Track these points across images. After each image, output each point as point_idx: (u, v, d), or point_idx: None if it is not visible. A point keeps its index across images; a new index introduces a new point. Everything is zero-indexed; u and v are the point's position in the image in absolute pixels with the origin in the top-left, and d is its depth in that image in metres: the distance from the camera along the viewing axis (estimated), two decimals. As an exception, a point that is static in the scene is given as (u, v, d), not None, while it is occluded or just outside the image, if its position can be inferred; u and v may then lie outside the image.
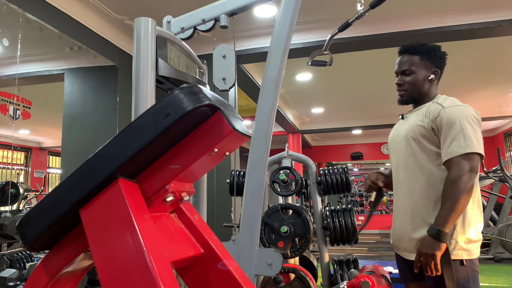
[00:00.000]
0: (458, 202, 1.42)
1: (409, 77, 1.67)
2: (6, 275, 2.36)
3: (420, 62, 1.66)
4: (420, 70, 1.65)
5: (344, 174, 2.62)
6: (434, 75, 1.67)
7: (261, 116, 1.56)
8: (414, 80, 1.66)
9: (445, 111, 1.53)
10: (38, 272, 0.73)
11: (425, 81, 1.66)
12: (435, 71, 1.67)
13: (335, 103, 7.75)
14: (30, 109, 3.71)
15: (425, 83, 1.66)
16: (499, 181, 6.63)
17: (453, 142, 1.47)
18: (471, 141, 1.46)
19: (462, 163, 1.44)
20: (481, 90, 6.65)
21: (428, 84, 1.67)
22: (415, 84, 1.66)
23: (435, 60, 1.67)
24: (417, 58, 1.66)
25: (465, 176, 1.43)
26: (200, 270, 0.80)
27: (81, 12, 3.39)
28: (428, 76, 1.66)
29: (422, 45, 1.68)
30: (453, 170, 1.45)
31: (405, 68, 1.67)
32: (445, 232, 1.42)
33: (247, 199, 1.56)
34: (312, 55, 2.19)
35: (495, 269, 5.46)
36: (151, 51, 1.42)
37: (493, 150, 6.26)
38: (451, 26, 3.81)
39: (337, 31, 1.99)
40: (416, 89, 1.67)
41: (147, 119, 0.65)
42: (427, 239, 1.45)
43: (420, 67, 1.65)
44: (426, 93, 1.68)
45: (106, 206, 0.66)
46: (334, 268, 2.55)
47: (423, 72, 1.66)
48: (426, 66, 1.66)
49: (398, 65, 1.72)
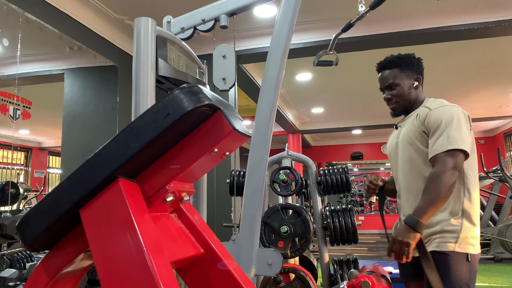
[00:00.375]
0: (438, 196, 1.46)
1: (395, 90, 1.73)
2: (6, 275, 2.36)
3: (401, 74, 1.72)
4: (404, 80, 1.72)
5: (344, 174, 2.62)
6: (417, 81, 1.74)
7: (261, 116, 1.56)
8: (401, 92, 1.72)
9: (432, 112, 1.60)
10: (38, 272, 0.73)
11: (411, 90, 1.73)
12: (417, 78, 1.74)
13: (335, 103, 7.74)
14: (30, 109, 3.71)
15: (411, 92, 1.73)
16: (499, 181, 6.63)
17: (438, 140, 1.53)
18: (454, 139, 1.50)
19: (445, 159, 1.49)
20: (481, 90, 6.65)
21: (414, 92, 1.74)
22: (402, 95, 1.72)
23: (414, 68, 1.74)
24: (397, 71, 1.73)
25: (448, 173, 1.46)
26: (200, 270, 0.80)
27: (81, 12, 3.39)
28: (412, 84, 1.73)
29: (397, 58, 1.75)
30: (437, 166, 1.49)
31: (390, 83, 1.74)
32: (422, 223, 1.45)
33: (247, 199, 1.56)
34: (318, 56, 2.21)
35: (495, 269, 5.46)
36: (151, 51, 1.42)
37: (493, 150, 6.26)
38: (451, 26, 3.81)
39: (341, 31, 2.00)
40: (405, 99, 1.73)
41: (147, 119, 0.65)
42: (403, 227, 1.48)
43: (403, 78, 1.72)
44: (414, 100, 1.74)
45: (106, 206, 0.66)
46: (334, 268, 2.55)
47: (407, 81, 1.72)
48: (407, 75, 1.73)
49: (381, 81, 1.79)
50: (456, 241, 1.51)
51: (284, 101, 7.20)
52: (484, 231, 6.50)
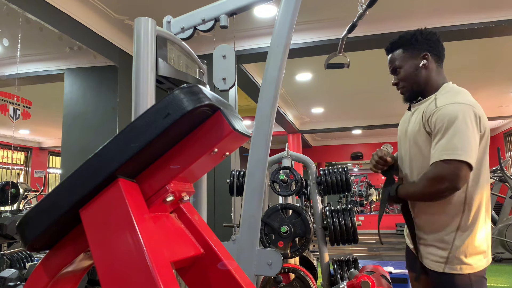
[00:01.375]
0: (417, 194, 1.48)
1: (400, 73, 1.58)
2: (6, 275, 2.36)
3: (404, 54, 1.56)
4: (406, 61, 1.56)
5: (344, 174, 2.62)
6: (425, 59, 1.53)
7: (261, 116, 1.56)
8: (405, 74, 1.56)
9: (437, 111, 1.41)
10: (38, 272, 0.73)
11: (418, 70, 1.54)
12: (425, 55, 1.54)
13: (335, 103, 7.74)
14: (30, 109, 3.71)
15: (419, 72, 1.54)
16: (499, 181, 6.63)
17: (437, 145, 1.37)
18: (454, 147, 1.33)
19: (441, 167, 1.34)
20: (481, 90, 6.65)
21: (425, 72, 1.54)
22: (407, 77, 1.56)
23: (420, 45, 1.55)
24: (400, 52, 1.58)
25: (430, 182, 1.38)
26: (200, 270, 0.80)
27: (81, 12, 3.39)
28: (418, 64, 1.54)
29: (400, 37, 1.59)
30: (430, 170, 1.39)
31: (393, 66, 1.60)
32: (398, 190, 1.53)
33: (247, 199, 1.56)
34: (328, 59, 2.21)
35: (495, 269, 5.46)
36: (151, 51, 1.42)
37: (493, 150, 6.26)
38: (451, 26, 3.81)
39: (346, 32, 1.99)
40: (412, 82, 1.56)
41: (147, 119, 0.65)
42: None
43: (406, 59, 1.56)
44: (426, 82, 1.55)
45: (106, 206, 0.66)
46: (334, 268, 2.54)
47: (410, 62, 1.55)
48: (411, 56, 1.55)
49: (389, 65, 1.65)
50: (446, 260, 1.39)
51: (284, 101, 7.20)
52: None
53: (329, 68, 2.23)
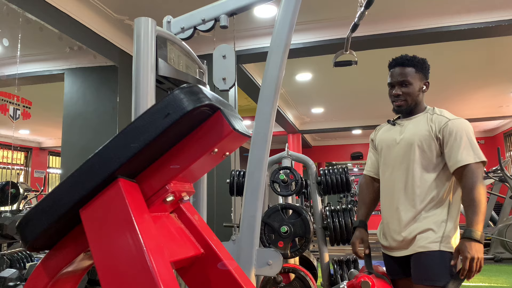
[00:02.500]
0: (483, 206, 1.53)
1: (408, 88, 1.71)
2: (6, 275, 2.36)
3: (415, 74, 1.72)
4: (416, 81, 1.72)
5: (344, 174, 2.62)
6: (425, 86, 1.75)
7: (261, 116, 1.56)
8: (413, 91, 1.71)
9: (452, 122, 1.62)
10: (38, 272, 0.73)
11: (420, 92, 1.73)
12: (426, 83, 1.75)
13: (335, 103, 7.74)
14: (30, 109, 3.71)
15: (419, 94, 1.73)
16: (499, 181, 6.63)
17: (464, 151, 1.57)
18: (479, 152, 1.58)
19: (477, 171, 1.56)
20: (481, 90, 6.65)
21: (421, 95, 1.75)
22: (413, 94, 1.71)
23: (426, 72, 1.75)
24: (412, 70, 1.71)
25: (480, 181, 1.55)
26: (200, 270, 0.80)
27: (81, 12, 3.39)
28: (422, 87, 1.74)
29: (414, 57, 1.74)
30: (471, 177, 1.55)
31: (404, 79, 1.71)
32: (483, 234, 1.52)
33: (247, 199, 1.56)
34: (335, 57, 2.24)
35: (495, 269, 5.46)
36: (151, 51, 1.42)
37: (493, 150, 6.26)
38: (451, 26, 3.81)
39: (350, 32, 2.05)
40: (413, 100, 1.72)
41: (147, 119, 0.65)
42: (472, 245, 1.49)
43: (416, 79, 1.72)
44: (419, 103, 1.75)
45: (106, 206, 0.66)
46: (334, 268, 2.54)
47: (419, 83, 1.72)
48: (420, 77, 1.73)
49: (394, 76, 1.75)
50: (441, 240, 1.59)
51: (284, 101, 7.20)
52: (484, 231, 6.49)
53: (336, 66, 2.25)
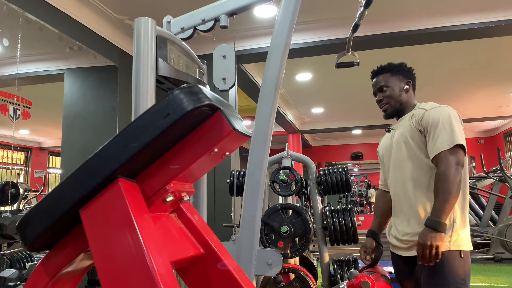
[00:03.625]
0: (450, 194, 1.51)
1: (386, 92, 1.82)
2: (6, 275, 2.36)
3: (392, 77, 1.82)
4: (395, 83, 1.82)
5: (344, 174, 2.62)
6: (407, 85, 1.83)
7: (261, 116, 1.56)
8: (391, 93, 1.81)
9: (428, 112, 1.67)
10: (38, 272, 0.73)
11: (402, 92, 1.81)
12: (408, 82, 1.83)
13: (335, 103, 7.75)
14: (30, 109, 3.71)
15: (402, 94, 1.81)
16: (499, 181, 6.63)
17: (438, 138, 1.59)
18: (454, 136, 1.57)
19: (448, 157, 1.55)
20: (481, 90, 6.65)
21: (405, 95, 1.82)
22: (393, 96, 1.81)
23: (405, 73, 1.84)
24: (388, 75, 1.83)
25: (452, 169, 1.53)
26: (200, 270, 0.80)
27: (81, 12, 3.39)
28: (402, 87, 1.82)
29: (389, 64, 1.86)
30: (441, 165, 1.55)
31: (381, 85, 1.83)
32: (443, 223, 1.50)
33: (247, 199, 1.56)
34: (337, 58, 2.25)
35: (495, 269, 5.46)
36: (151, 51, 1.42)
37: (493, 150, 6.26)
38: (451, 26, 3.81)
39: (351, 32, 2.08)
40: (396, 101, 1.81)
41: (147, 119, 0.65)
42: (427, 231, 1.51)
43: (394, 81, 1.82)
44: (405, 103, 1.82)
45: (106, 206, 0.66)
46: (334, 268, 2.54)
47: (397, 84, 1.82)
48: (398, 79, 1.82)
49: (374, 86, 1.88)
50: (450, 240, 1.57)
51: (284, 101, 7.20)
52: (484, 231, 6.50)
53: (338, 67, 2.26)
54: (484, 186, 7.45)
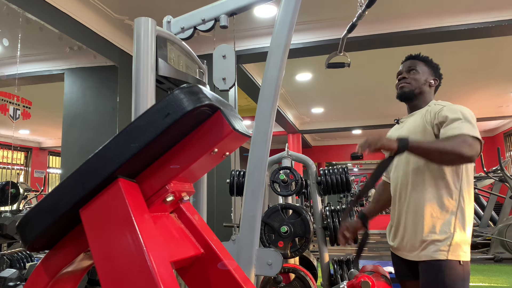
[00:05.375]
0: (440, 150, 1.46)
1: (414, 74, 1.80)
2: (6, 275, 2.36)
3: (424, 67, 1.82)
4: (424, 72, 1.81)
5: (344, 174, 2.62)
6: (434, 81, 1.82)
7: (261, 116, 1.56)
8: (418, 77, 1.79)
9: (448, 107, 1.64)
10: (38, 272, 0.73)
11: (426, 83, 1.80)
12: (435, 79, 1.83)
13: (335, 103, 7.74)
14: (30, 109, 3.71)
15: (425, 85, 1.79)
16: (499, 181, 6.63)
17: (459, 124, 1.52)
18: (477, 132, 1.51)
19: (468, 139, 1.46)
20: (481, 90, 6.65)
21: (428, 88, 1.80)
22: (418, 80, 1.78)
23: (437, 72, 1.84)
24: (423, 63, 1.82)
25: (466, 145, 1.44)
26: (200, 270, 0.80)
27: (81, 12, 3.39)
28: (429, 80, 1.81)
29: (426, 56, 1.86)
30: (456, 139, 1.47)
31: (412, 66, 1.82)
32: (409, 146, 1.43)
33: (247, 199, 1.56)
34: (328, 58, 2.24)
35: (495, 269, 5.46)
36: (151, 51, 1.42)
37: (493, 150, 6.26)
38: (451, 26, 3.81)
39: (346, 32, 2.04)
40: (417, 85, 1.78)
41: (147, 119, 0.65)
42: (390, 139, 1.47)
43: (424, 70, 1.81)
44: (424, 94, 1.79)
45: (106, 206, 0.66)
46: (334, 268, 2.55)
47: (426, 75, 1.81)
48: (429, 72, 1.82)
49: (403, 65, 1.85)
50: (449, 249, 1.54)
51: (284, 101, 7.20)
52: (484, 231, 6.51)
53: (329, 67, 2.25)
54: (484, 186, 7.45)
